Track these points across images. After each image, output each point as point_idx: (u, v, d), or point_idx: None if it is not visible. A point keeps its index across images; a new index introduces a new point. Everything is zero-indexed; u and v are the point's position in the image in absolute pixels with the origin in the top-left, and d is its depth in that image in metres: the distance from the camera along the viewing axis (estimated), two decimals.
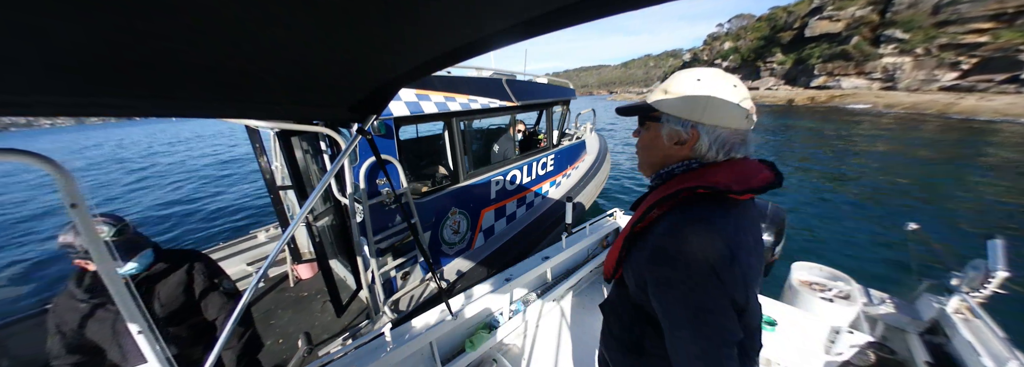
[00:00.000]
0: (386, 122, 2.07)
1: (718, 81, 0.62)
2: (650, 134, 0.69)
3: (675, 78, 0.66)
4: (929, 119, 21.13)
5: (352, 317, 2.37)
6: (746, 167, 0.64)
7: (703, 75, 0.63)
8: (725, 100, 0.61)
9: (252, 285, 0.89)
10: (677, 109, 0.63)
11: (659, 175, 0.71)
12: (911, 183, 8.09)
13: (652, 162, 0.71)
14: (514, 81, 3.15)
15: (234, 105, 0.71)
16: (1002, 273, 1.36)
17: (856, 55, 38.47)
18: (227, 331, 0.84)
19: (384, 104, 0.87)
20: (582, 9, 0.44)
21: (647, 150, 0.71)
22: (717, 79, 0.62)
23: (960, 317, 1.53)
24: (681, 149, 0.65)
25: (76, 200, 0.61)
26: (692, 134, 0.63)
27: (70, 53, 0.43)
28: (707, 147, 0.63)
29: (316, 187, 0.91)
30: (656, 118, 0.67)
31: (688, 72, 0.64)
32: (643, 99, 0.71)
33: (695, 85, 0.62)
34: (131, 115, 0.62)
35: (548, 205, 3.88)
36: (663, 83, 0.68)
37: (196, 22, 0.41)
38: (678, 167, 0.67)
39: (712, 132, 0.62)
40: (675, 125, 0.64)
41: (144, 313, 0.73)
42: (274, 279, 2.89)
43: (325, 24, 0.48)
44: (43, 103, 0.54)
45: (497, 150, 3.34)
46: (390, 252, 2.33)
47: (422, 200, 2.43)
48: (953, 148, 12.20)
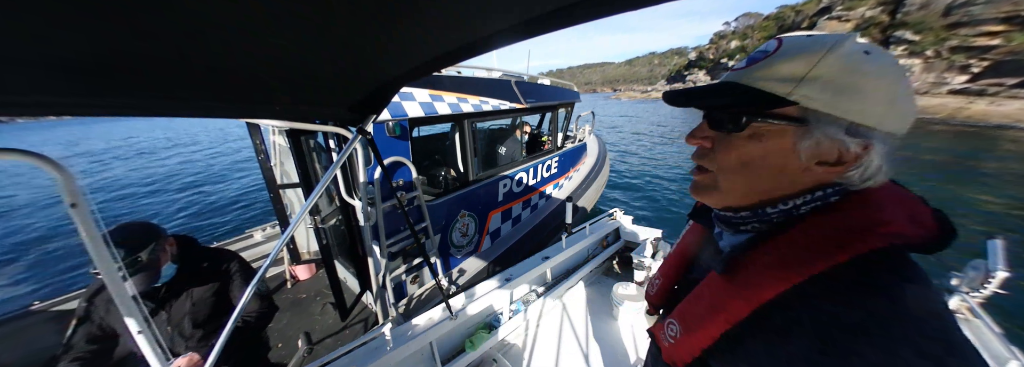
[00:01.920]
0: (401, 123, 2.06)
1: (887, 54, 0.37)
2: (763, 145, 0.40)
3: (815, 53, 0.36)
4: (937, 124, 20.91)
5: (354, 320, 2.38)
6: (901, 197, 0.41)
7: (870, 48, 0.37)
8: (909, 87, 0.37)
9: (253, 283, 0.90)
10: (850, 104, 0.36)
11: (763, 213, 0.43)
12: None
13: (759, 189, 0.42)
14: (523, 83, 3.14)
15: (234, 105, 0.71)
16: (1002, 273, 1.36)
17: None
18: (228, 330, 0.85)
19: (384, 104, 0.87)
20: (582, 9, 0.43)
21: (751, 170, 0.41)
22: (880, 50, 0.37)
23: (960, 317, 1.54)
24: (828, 172, 0.39)
25: (76, 200, 0.61)
26: (864, 150, 0.37)
27: (70, 54, 0.43)
28: (877, 168, 0.38)
29: (319, 183, 0.91)
30: (792, 118, 0.38)
31: (833, 42, 0.37)
32: (732, 82, 0.41)
33: (867, 62, 0.36)
34: (131, 115, 0.61)
35: (552, 208, 3.88)
36: (782, 62, 0.38)
37: (196, 22, 0.41)
38: (808, 201, 0.41)
39: (886, 143, 0.37)
40: (839, 133, 0.37)
41: (144, 314, 0.73)
42: (272, 279, 2.89)
43: (325, 25, 0.48)
44: (43, 103, 0.54)
45: (504, 152, 3.34)
46: (401, 256, 2.32)
47: (433, 203, 2.42)
48: (960, 155, 12.01)
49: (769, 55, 0.39)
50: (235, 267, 1.32)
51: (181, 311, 1.20)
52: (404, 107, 2.03)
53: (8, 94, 0.50)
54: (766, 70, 0.39)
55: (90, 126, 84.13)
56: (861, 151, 0.37)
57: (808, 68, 0.36)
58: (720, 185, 0.44)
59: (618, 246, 2.81)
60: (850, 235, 0.37)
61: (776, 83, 0.38)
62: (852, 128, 0.37)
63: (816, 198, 0.40)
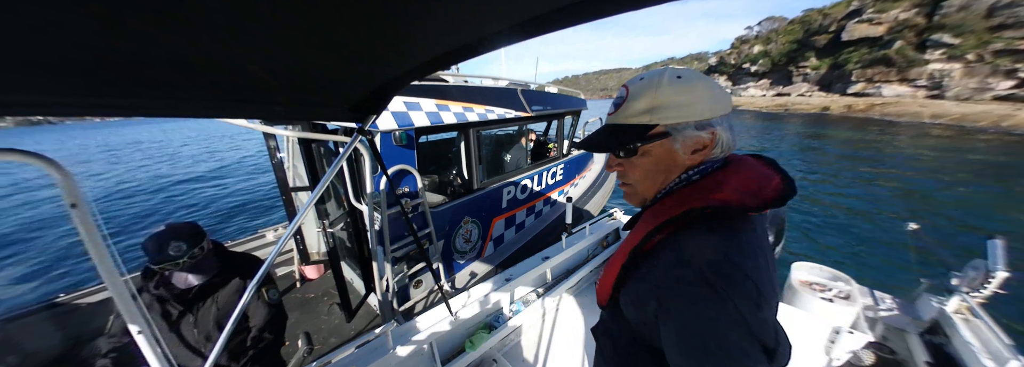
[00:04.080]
0: (408, 132, 2.09)
1: (691, 70, 0.56)
2: (653, 157, 0.58)
3: (652, 89, 0.55)
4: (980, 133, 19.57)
5: (357, 321, 2.40)
6: (751, 171, 0.57)
7: (679, 73, 0.55)
8: (715, 85, 0.55)
9: (254, 283, 0.90)
10: (689, 112, 0.53)
11: (655, 198, 0.62)
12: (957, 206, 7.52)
13: (657, 184, 0.61)
14: (529, 91, 3.16)
15: (234, 105, 0.71)
16: (1002, 273, 1.36)
17: (899, 61, 36.31)
18: (228, 328, 0.84)
19: (384, 104, 0.87)
20: (582, 9, 0.43)
21: (652, 175, 0.60)
22: (687, 70, 0.56)
23: (960, 317, 1.55)
24: (696, 157, 0.56)
25: (76, 200, 0.61)
26: (712, 135, 0.54)
27: (73, 54, 0.43)
28: (729, 139, 0.56)
29: (320, 183, 0.91)
30: (661, 134, 0.55)
31: (658, 78, 0.55)
32: (612, 124, 0.60)
33: (683, 83, 0.54)
34: (132, 115, 0.62)
35: (556, 214, 3.87)
36: (635, 102, 0.56)
37: (196, 23, 0.41)
38: (677, 183, 0.59)
39: (724, 122, 0.55)
40: (693, 131, 0.54)
41: (144, 314, 0.73)
42: (283, 279, 2.96)
43: (325, 25, 0.47)
44: (46, 104, 0.55)
45: (509, 159, 3.35)
46: (405, 260, 2.35)
47: (438, 209, 2.45)
48: (997, 165, 11.30)
49: (625, 100, 0.58)
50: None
51: (208, 315, 1.21)
52: (411, 117, 2.05)
53: (8, 94, 0.51)
54: (628, 111, 0.57)
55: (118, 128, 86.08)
56: (711, 136, 0.55)
57: (653, 101, 0.55)
58: (638, 190, 0.63)
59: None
60: (689, 199, 0.55)
61: (639, 116, 0.56)
62: (699, 124, 0.54)
63: (682, 180, 0.59)
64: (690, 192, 0.56)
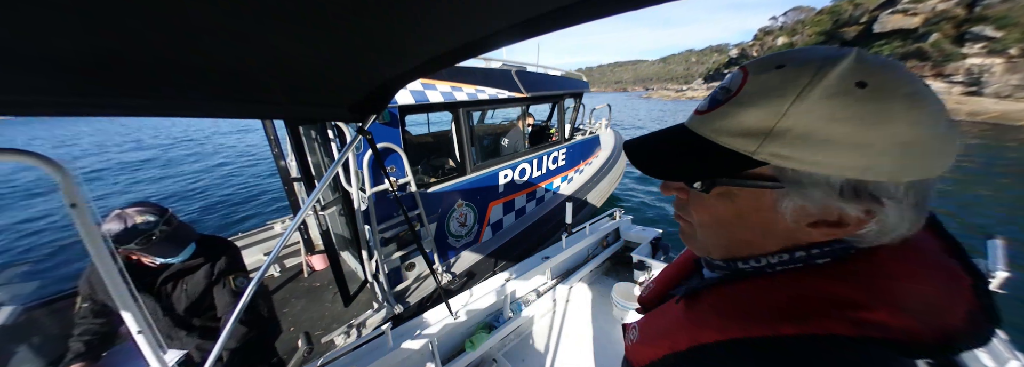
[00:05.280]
0: (391, 110, 2.06)
1: (895, 71, 0.26)
2: (736, 206, 0.33)
3: (788, 93, 0.27)
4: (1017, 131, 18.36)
5: (360, 308, 2.44)
6: (924, 258, 0.32)
7: (868, 72, 0.26)
8: (940, 120, 0.26)
9: (258, 277, 0.91)
10: (841, 159, 0.27)
11: (736, 268, 0.38)
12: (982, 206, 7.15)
13: (734, 244, 0.37)
14: (524, 72, 3.09)
15: (233, 105, 0.70)
16: (1002, 273, 1.33)
17: (934, 54, 34.34)
18: (228, 328, 0.85)
19: (384, 104, 0.86)
20: (582, 9, 0.42)
21: (728, 229, 0.36)
22: (888, 68, 0.27)
23: None
24: (829, 233, 0.31)
25: (76, 200, 0.62)
26: (868, 214, 0.29)
27: (70, 53, 0.43)
28: (897, 222, 0.29)
29: (323, 177, 0.91)
30: (764, 178, 0.31)
31: (813, 73, 0.27)
32: (690, 130, 0.35)
33: (866, 101, 0.26)
34: (130, 115, 0.61)
35: (558, 200, 3.82)
36: (746, 108, 0.30)
37: (195, 22, 0.40)
38: (784, 261, 0.34)
39: (909, 197, 0.28)
40: (821, 196, 0.29)
41: (144, 314, 0.74)
42: (291, 269, 3.03)
43: (325, 25, 0.46)
44: (43, 103, 0.55)
45: (506, 143, 3.31)
46: (395, 242, 2.36)
47: (427, 191, 2.44)
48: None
49: (731, 96, 0.31)
50: (224, 260, 1.25)
51: (176, 301, 1.19)
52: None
53: (8, 94, 0.51)
54: (726, 119, 0.31)
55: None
56: (865, 214, 0.28)
57: (775, 118, 0.28)
58: (698, 237, 0.40)
59: (618, 246, 2.76)
60: (807, 309, 0.30)
61: (738, 138, 0.30)
62: (848, 186, 0.28)
63: (795, 259, 0.34)
64: (804, 288, 0.32)
